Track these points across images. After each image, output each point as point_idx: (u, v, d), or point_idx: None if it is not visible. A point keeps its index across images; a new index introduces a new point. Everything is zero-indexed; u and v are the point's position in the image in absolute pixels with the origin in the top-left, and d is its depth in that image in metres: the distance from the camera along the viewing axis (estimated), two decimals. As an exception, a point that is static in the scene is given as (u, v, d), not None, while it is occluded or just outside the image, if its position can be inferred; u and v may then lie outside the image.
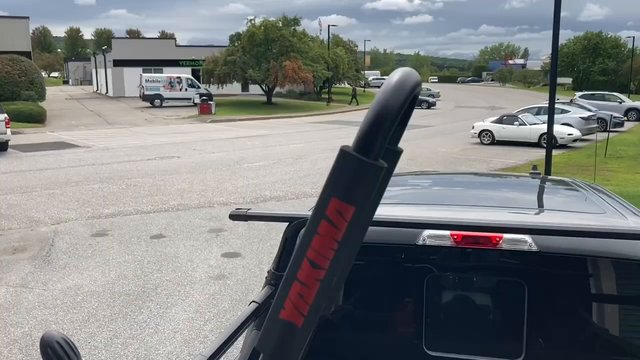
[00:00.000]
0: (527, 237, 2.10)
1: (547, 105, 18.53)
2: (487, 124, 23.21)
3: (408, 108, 0.49)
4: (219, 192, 12.72)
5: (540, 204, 3.02)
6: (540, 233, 1.99)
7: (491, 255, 2.21)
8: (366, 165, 0.47)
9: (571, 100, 32.10)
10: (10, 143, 19.15)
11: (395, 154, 0.51)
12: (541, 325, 2.17)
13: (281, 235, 2.32)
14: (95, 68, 64.05)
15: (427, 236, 2.19)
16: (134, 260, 8.05)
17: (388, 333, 2.36)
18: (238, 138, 23.79)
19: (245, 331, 2.02)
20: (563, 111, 24.51)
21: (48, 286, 7.07)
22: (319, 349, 2.23)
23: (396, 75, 0.49)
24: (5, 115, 18.69)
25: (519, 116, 22.97)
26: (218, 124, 30.64)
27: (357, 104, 46.35)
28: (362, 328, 2.38)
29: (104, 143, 21.77)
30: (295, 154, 18.88)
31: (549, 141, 11.20)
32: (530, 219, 2.51)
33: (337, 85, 58.49)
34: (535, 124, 22.29)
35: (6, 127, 18.45)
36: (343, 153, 0.48)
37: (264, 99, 43.78)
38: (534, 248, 2.10)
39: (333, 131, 27.19)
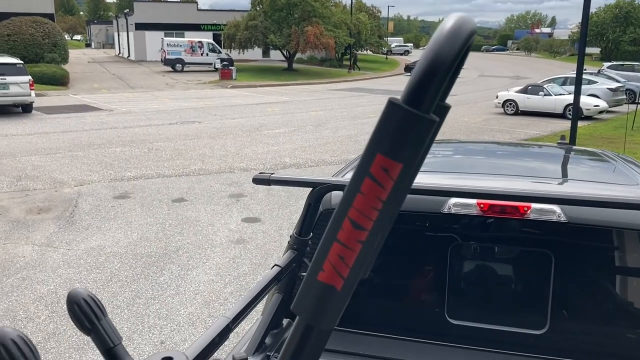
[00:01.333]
0: (556, 208, 2.06)
1: (573, 75, 18.08)
2: (512, 93, 22.78)
3: (461, 59, 0.46)
4: (239, 158, 12.75)
5: (569, 174, 2.95)
6: (569, 203, 1.95)
7: (518, 225, 2.17)
8: (417, 119, 0.44)
9: (599, 71, 31.30)
10: (34, 105, 19.34)
11: (443, 110, 0.48)
12: (566, 297, 2.14)
13: (300, 202, 2.30)
14: (117, 31, 63.99)
15: (452, 204, 2.15)
16: (155, 222, 8.15)
17: (410, 301, 2.35)
18: (258, 104, 23.71)
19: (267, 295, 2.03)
20: (590, 82, 23.94)
21: (72, 246, 7.20)
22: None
23: (450, 20, 0.45)
24: (29, 77, 18.82)
25: (545, 86, 22.48)
26: (238, 90, 30.55)
27: (359, 70, 45.62)
28: (384, 296, 2.38)
29: (125, 107, 21.87)
30: (315, 122, 18.79)
31: (574, 112, 10.96)
32: (559, 189, 2.46)
33: (360, 51, 57.67)
34: (560, 94, 21.82)
35: (30, 89, 18.60)
36: (391, 105, 0.44)
37: (285, 65, 43.42)
38: (563, 219, 2.06)
39: (354, 99, 26.95)
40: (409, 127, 0.44)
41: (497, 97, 23.09)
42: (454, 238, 2.24)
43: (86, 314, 0.72)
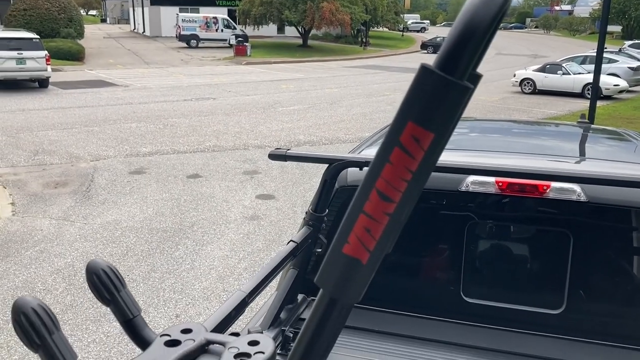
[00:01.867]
0: (575, 187, 2.03)
1: (593, 54, 17.70)
2: (529, 72, 22.43)
3: (496, 24, 0.44)
4: (253, 135, 12.75)
5: (590, 153, 2.91)
6: (590, 182, 1.91)
7: (536, 204, 2.14)
8: (451, 85, 0.42)
9: (620, 50, 30.66)
10: (50, 80, 19.43)
11: (475, 79, 0.46)
12: (584, 277, 2.12)
13: (314, 179, 2.29)
14: (133, 7, 63.73)
15: (470, 182, 2.13)
16: (170, 198, 8.20)
17: (426, 279, 2.35)
18: (273, 81, 23.61)
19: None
20: (610, 60, 23.47)
21: (88, 220, 7.29)
22: None
23: None
24: (46, 52, 18.87)
25: (563, 65, 22.10)
26: (253, 66, 30.41)
27: (366, 47, 45.01)
28: (400, 273, 2.37)
29: (141, 82, 21.90)
30: (329, 99, 18.68)
31: (593, 91, 10.76)
32: (579, 167, 2.42)
33: (375, 28, 56.99)
34: (579, 73, 21.44)
35: (46, 64, 18.67)
36: (424, 70, 0.42)
37: (300, 41, 43.08)
38: (583, 198, 2.03)
39: (369, 76, 26.71)
40: (443, 94, 0.42)
41: (514, 76, 22.76)
42: (471, 216, 2.22)
43: (105, 285, 0.72)
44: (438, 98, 0.42)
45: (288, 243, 2.07)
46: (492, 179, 2.11)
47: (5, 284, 5.51)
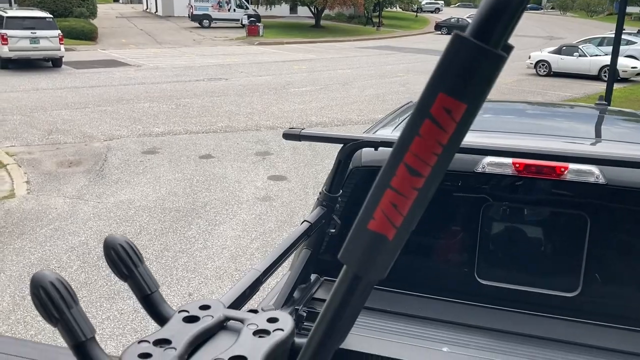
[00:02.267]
0: (594, 169, 2.00)
1: (610, 35, 17.38)
2: (545, 54, 22.11)
3: None
4: (265, 116, 12.72)
5: (608, 135, 2.86)
6: (609, 164, 1.88)
7: (554, 186, 2.12)
8: (485, 54, 0.40)
9: (638, 31, 30.09)
10: (63, 60, 19.47)
11: (507, 49, 0.44)
12: (601, 260, 2.10)
13: (327, 161, 2.28)
14: (144, -14, 63.39)
15: (487, 163, 2.11)
16: (183, 178, 8.23)
17: (440, 260, 2.33)
18: (285, 62, 23.49)
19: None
20: (628, 42, 23.08)
21: (102, 199, 7.34)
22: None
23: None
24: (59, 31, 18.88)
25: (580, 47, 21.74)
26: (265, 47, 30.26)
27: (379, 27, 44.46)
28: (414, 254, 2.36)
29: (153, 62, 21.88)
30: (342, 80, 18.57)
31: (611, 74, 10.58)
32: (598, 149, 2.38)
33: (389, 9, 56.32)
34: (596, 55, 21.09)
35: (60, 44, 18.69)
36: (457, 38, 0.41)
37: (312, 21, 42.72)
38: (601, 180, 2.00)
39: (382, 57, 26.48)
40: (476, 63, 0.40)
41: (529, 58, 22.45)
42: (486, 198, 2.20)
43: (123, 260, 0.71)
44: (471, 67, 0.41)
45: (302, 223, 2.07)
46: (508, 160, 2.08)
47: (21, 261, 5.59)
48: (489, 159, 2.10)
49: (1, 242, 6.00)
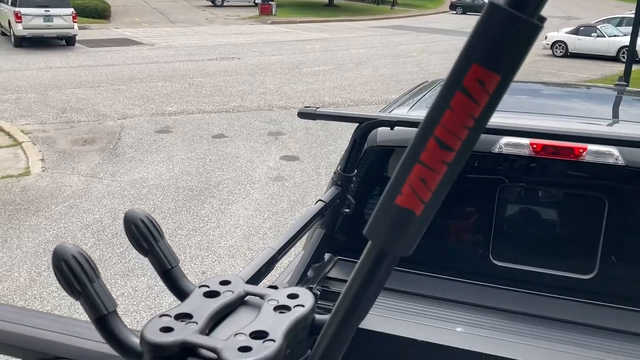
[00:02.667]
0: (613, 150, 1.97)
1: (630, 15, 17.02)
2: (562, 34, 21.74)
3: None
4: (278, 96, 12.68)
5: (628, 116, 2.81)
6: (629, 145, 1.85)
7: (571, 167, 2.09)
8: (522, 23, 0.39)
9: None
10: (77, 38, 19.48)
11: (542, 20, 0.43)
12: (618, 242, 2.08)
13: (339, 141, 2.26)
14: (157, -36, 62.97)
15: (504, 144, 2.08)
16: (196, 157, 8.26)
17: (454, 241, 2.33)
18: (298, 41, 23.33)
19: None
20: (648, 23, 22.56)
21: (116, 177, 7.39)
22: None
23: None
24: (72, 9, 18.87)
25: (598, 27, 21.36)
26: (278, 26, 30.04)
27: (394, 6, 43.85)
28: (428, 234, 2.35)
29: (166, 41, 21.83)
30: (355, 60, 18.42)
31: (630, 54, 10.38)
32: (618, 130, 2.35)
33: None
34: (615, 35, 20.71)
35: (73, 22, 18.69)
36: (492, 7, 0.39)
37: (326, 0, 42.31)
38: (620, 162, 1.97)
39: (396, 37, 26.20)
40: (512, 32, 0.39)
41: (545, 38, 22.09)
42: (503, 179, 2.18)
43: (144, 234, 0.71)
44: (507, 37, 0.39)
45: (316, 202, 2.06)
46: (526, 141, 2.06)
47: (37, 238, 5.66)
48: (505, 139, 2.07)
49: (17, 219, 6.08)
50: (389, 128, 2.08)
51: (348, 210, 2.21)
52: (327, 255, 2.36)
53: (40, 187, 7.04)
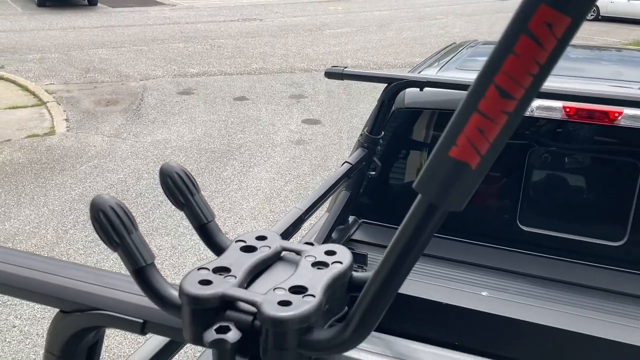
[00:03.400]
0: None
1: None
2: (594, -3, 21.00)
3: None
4: (300, 58, 12.55)
5: None
6: None
7: (605, 131, 2.04)
8: None
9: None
10: (98, -2, 19.41)
11: None
12: None
13: (362, 105, 2.23)
14: None
15: (535, 107, 2.03)
16: (218, 119, 8.26)
17: (481, 206, 2.30)
18: (321, 2, 22.92)
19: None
20: (685, -15, 21.70)
21: (139, 138, 7.44)
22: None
23: None
24: (93, -32, 18.74)
25: (632, -11, 20.58)
26: (301, -13, 29.51)
27: None
28: None
29: (188, 2, 21.63)
30: (379, 22, 18.08)
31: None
32: None
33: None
34: (649, -1, 19.97)
35: (94, -19, 18.59)
36: None
37: (350, -39, 41.36)
38: None
39: (421, -1, 25.59)
40: None
41: (577, 1, 21.37)
42: (533, 143, 2.13)
43: (180, 188, 0.70)
44: None
45: (342, 164, 2.05)
46: (559, 104, 2.00)
47: (63, 196, 5.75)
48: (537, 102, 2.02)
49: (43, 178, 6.17)
50: (418, 89, 2.04)
51: (374, 173, 2.19)
52: (351, 218, 2.36)
53: (65, 146, 7.12)
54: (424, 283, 2.02)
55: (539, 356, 1.84)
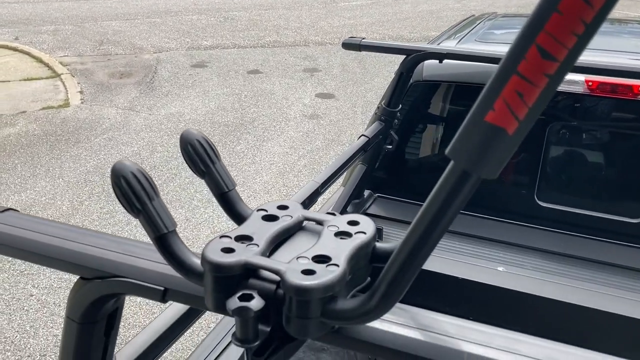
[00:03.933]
0: None
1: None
2: (616, -30, 20.49)
3: None
4: (314, 31, 12.41)
5: None
6: None
7: (628, 106, 1.99)
8: None
9: None
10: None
11: None
12: None
13: (376, 79, 2.19)
14: None
15: None
16: (232, 93, 8.23)
17: (498, 181, 2.27)
18: (335, -26, 22.57)
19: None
20: None
21: (153, 111, 7.44)
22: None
23: None
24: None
25: (656, -38, 20.02)
26: (315, -42, 29.07)
27: None
28: None
29: (200, -27, 21.40)
30: (395, -5, 17.79)
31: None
32: None
33: None
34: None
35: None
36: None
37: None
38: None
39: (437, -29, 25.09)
40: None
41: (598, -26, 20.88)
42: (553, 118, 2.09)
43: (200, 155, 0.69)
44: None
45: (359, 137, 2.03)
46: (581, 77, 1.96)
47: (78, 168, 5.79)
48: None
49: (59, 150, 6.22)
50: (436, 62, 2.00)
51: (390, 146, 2.17)
52: (366, 192, 2.35)
53: (80, 118, 7.15)
54: (440, 258, 2.01)
55: (555, 331, 1.83)
